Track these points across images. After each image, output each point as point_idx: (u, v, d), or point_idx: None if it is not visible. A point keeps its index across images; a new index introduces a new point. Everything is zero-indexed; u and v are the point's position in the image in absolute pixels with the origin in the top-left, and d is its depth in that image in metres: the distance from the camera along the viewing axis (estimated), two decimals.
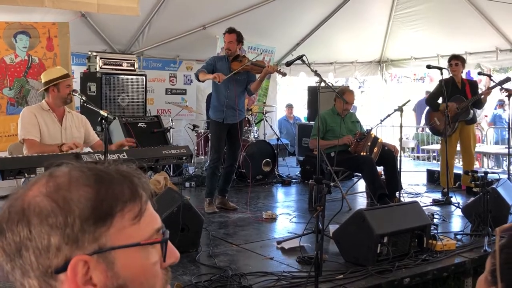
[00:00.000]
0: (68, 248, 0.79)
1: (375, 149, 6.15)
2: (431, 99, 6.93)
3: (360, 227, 3.90)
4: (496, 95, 7.10)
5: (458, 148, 7.01)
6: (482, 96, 6.60)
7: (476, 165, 10.23)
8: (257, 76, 5.93)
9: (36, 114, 4.45)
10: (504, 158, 10.05)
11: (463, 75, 7.05)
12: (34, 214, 0.80)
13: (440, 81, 6.46)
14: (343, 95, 6.13)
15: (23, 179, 4.21)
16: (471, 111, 6.64)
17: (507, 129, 7.56)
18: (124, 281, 0.81)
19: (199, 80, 5.93)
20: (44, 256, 0.79)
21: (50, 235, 0.78)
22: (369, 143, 6.12)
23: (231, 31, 5.88)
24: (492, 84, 6.75)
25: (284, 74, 5.91)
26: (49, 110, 4.53)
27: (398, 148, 6.35)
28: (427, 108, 7.18)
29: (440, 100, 6.81)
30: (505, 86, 6.57)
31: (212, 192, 6.01)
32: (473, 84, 6.87)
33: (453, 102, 6.58)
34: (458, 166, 7.76)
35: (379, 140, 6.31)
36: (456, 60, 6.71)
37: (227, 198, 6.18)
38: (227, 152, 6.13)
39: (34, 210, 0.80)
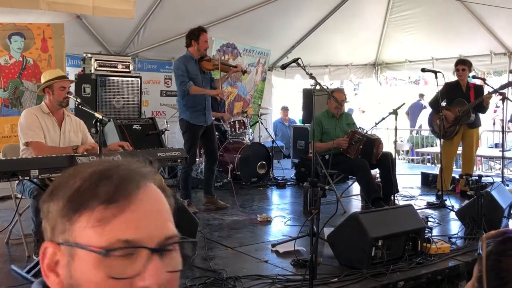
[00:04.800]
0: (50, 233, 0.83)
1: (374, 150, 6.13)
2: (434, 101, 6.93)
3: (355, 230, 3.91)
4: (492, 98, 7.11)
5: (459, 151, 7.02)
6: (483, 101, 6.60)
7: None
8: (222, 73, 6.18)
9: (38, 116, 4.39)
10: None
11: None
12: (43, 197, 0.86)
13: (446, 84, 6.48)
14: (333, 94, 6.15)
15: (17, 182, 4.20)
16: (472, 114, 6.63)
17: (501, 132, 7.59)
18: (75, 283, 0.78)
19: (187, 95, 5.82)
20: (44, 234, 0.86)
21: (43, 218, 0.85)
22: (360, 146, 6.12)
23: (206, 30, 5.98)
24: (486, 88, 6.77)
25: (244, 72, 6.27)
26: (49, 113, 4.45)
27: (393, 151, 6.35)
28: (424, 108, 7.21)
29: (444, 103, 6.82)
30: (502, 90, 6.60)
31: (190, 193, 6.06)
32: (479, 89, 6.84)
33: (454, 108, 6.59)
34: (456, 170, 7.76)
35: (377, 141, 6.25)
36: (463, 66, 6.70)
37: (216, 197, 6.20)
38: (207, 152, 6.29)
39: (45, 194, 0.86)
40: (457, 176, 6.99)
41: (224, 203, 6.17)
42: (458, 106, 6.61)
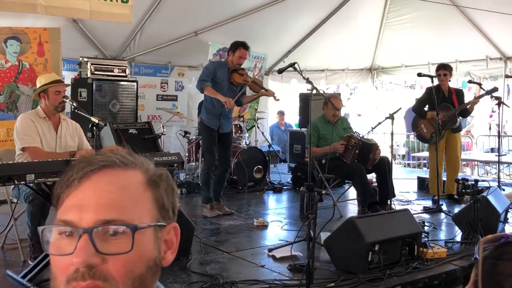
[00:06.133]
0: None
1: (371, 155, 6.14)
2: (418, 106, 6.95)
3: (351, 235, 3.90)
4: (488, 103, 7.13)
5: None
6: (469, 106, 6.63)
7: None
8: (252, 92, 6.18)
9: (34, 121, 4.36)
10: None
11: (452, 83, 7.06)
12: None
13: (428, 88, 6.49)
14: (330, 100, 6.14)
15: (12, 186, 4.18)
16: (458, 119, 6.68)
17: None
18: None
19: (202, 93, 5.91)
20: None
21: None
22: (357, 151, 6.12)
23: (248, 47, 5.91)
24: (481, 92, 6.79)
25: (278, 100, 6.11)
26: (45, 118, 4.42)
27: (389, 155, 6.36)
28: (414, 115, 7.19)
29: (427, 108, 6.84)
30: (494, 94, 6.63)
31: (211, 197, 6.03)
32: (460, 93, 6.91)
33: (440, 111, 6.60)
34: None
35: (374, 146, 6.24)
36: (445, 71, 6.71)
37: (222, 203, 6.19)
38: (220, 159, 6.15)
39: None
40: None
41: (230, 209, 6.17)
42: (443, 110, 6.61)
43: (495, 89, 6.70)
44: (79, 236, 0.82)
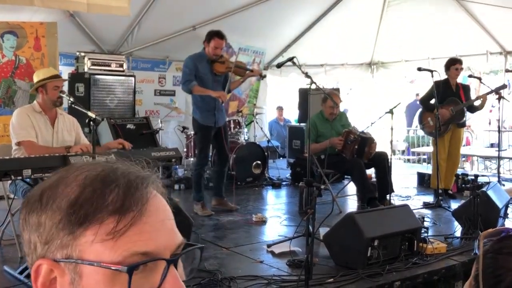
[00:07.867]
0: (41, 248, 0.73)
1: (367, 149, 6.12)
2: (425, 99, 6.90)
3: (351, 230, 3.88)
4: (488, 98, 7.10)
5: None
6: (480, 100, 6.60)
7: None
8: (237, 77, 6.02)
9: (30, 115, 4.34)
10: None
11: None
12: (25, 207, 0.76)
13: (435, 82, 6.45)
14: (328, 99, 6.09)
15: (9, 182, 4.15)
16: (466, 114, 6.66)
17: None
18: None
19: (191, 94, 5.81)
20: (28, 248, 0.75)
21: (30, 231, 0.75)
22: (356, 146, 6.09)
23: (223, 36, 5.69)
24: (482, 87, 6.77)
25: (264, 77, 5.94)
26: (41, 112, 4.40)
27: (389, 151, 6.33)
28: (421, 108, 7.16)
29: (433, 101, 6.80)
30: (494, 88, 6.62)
31: (203, 195, 5.96)
32: (467, 89, 6.88)
33: (447, 107, 6.57)
34: None
35: (370, 140, 6.22)
36: (461, 65, 6.71)
37: (226, 199, 6.15)
38: (218, 154, 6.11)
39: (28, 203, 0.76)
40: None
41: (234, 205, 6.13)
42: (451, 105, 6.58)
43: (504, 86, 6.68)
44: (168, 266, 0.73)
